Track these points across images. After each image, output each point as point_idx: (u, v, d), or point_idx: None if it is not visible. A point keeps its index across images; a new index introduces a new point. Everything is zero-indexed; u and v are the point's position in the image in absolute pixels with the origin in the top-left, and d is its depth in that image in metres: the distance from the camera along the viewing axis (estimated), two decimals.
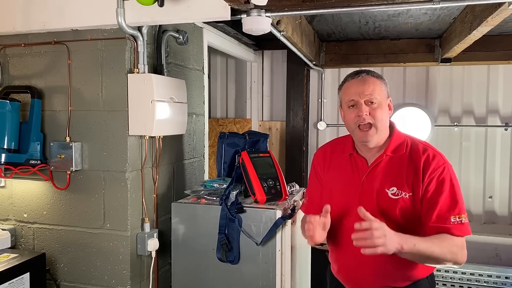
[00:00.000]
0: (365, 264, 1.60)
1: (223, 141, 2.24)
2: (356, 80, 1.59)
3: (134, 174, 1.96)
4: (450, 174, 1.54)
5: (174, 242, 2.01)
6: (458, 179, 1.57)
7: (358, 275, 1.66)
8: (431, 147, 1.60)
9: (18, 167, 1.90)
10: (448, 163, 1.56)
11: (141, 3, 1.72)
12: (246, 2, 1.67)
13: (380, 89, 1.57)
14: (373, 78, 1.58)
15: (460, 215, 1.49)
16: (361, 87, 1.56)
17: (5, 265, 1.76)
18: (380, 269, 1.59)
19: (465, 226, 1.50)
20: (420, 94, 3.76)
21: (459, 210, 1.50)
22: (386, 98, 1.59)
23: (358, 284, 1.68)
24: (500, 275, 3.38)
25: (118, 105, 1.93)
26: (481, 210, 3.70)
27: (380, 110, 1.55)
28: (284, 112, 3.90)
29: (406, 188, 1.54)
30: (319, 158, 1.81)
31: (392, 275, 1.60)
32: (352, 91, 1.57)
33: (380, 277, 1.61)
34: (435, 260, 1.47)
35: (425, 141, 1.65)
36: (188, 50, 2.41)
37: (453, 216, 1.48)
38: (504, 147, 3.62)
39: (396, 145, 1.60)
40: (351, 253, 1.60)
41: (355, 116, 1.56)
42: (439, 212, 1.48)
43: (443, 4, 1.68)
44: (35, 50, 2.05)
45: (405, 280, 1.62)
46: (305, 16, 2.82)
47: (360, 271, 1.64)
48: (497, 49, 3.36)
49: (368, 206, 1.53)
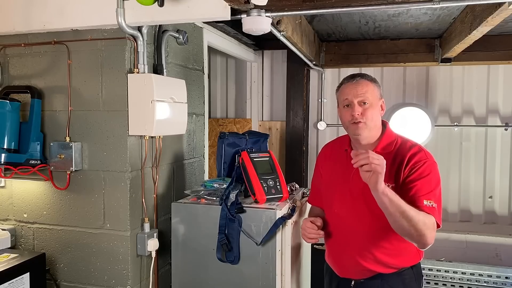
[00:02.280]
0: (353, 248, 1.76)
1: (223, 141, 2.24)
2: (351, 83, 1.75)
3: (134, 174, 1.96)
4: (431, 169, 1.65)
5: (174, 242, 2.01)
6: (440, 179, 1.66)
7: (344, 259, 1.82)
8: (419, 146, 1.73)
9: (18, 167, 1.90)
10: (433, 160, 1.68)
11: (141, 3, 1.72)
12: (246, 2, 1.67)
13: (373, 91, 1.72)
14: (366, 81, 1.74)
15: (431, 200, 1.58)
16: (355, 89, 1.72)
17: (5, 265, 1.76)
18: (366, 253, 1.73)
19: (437, 212, 1.58)
20: (420, 94, 3.76)
21: (433, 197, 1.59)
22: (378, 99, 1.75)
23: (345, 268, 1.82)
24: (500, 275, 3.37)
25: (118, 105, 1.93)
26: (481, 210, 3.70)
27: (371, 109, 1.70)
28: (284, 112, 3.90)
29: (390, 180, 1.65)
30: (322, 153, 2.04)
31: (377, 260, 1.72)
32: (347, 93, 1.74)
33: (365, 261, 1.73)
34: (408, 220, 1.50)
35: (416, 142, 1.77)
36: (188, 50, 2.41)
37: (426, 200, 1.58)
38: (504, 147, 3.62)
39: (386, 143, 1.75)
40: (340, 238, 1.83)
41: (349, 115, 1.72)
42: (414, 193, 1.59)
43: (443, 4, 1.68)
44: (35, 50, 2.05)
45: (389, 267, 1.73)
46: (305, 16, 2.82)
47: (346, 254, 1.79)
48: (497, 49, 3.36)
49: (356, 196, 1.73)
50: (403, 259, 1.74)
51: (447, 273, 3.48)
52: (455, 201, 3.73)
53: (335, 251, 1.87)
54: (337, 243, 1.85)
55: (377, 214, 1.59)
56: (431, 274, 3.48)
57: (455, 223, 3.73)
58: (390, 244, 1.70)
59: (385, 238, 1.70)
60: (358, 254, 1.75)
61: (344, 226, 1.79)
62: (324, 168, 1.95)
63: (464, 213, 3.74)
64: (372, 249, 1.72)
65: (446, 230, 3.62)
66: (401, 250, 1.72)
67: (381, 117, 1.78)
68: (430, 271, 3.47)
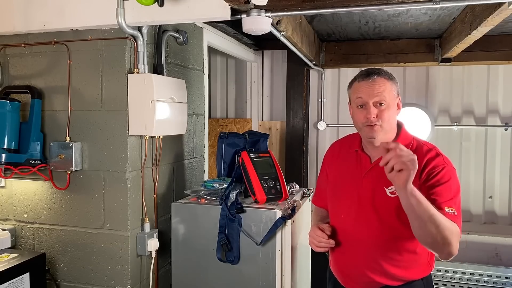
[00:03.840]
0: (359, 258, 1.64)
1: (223, 141, 2.24)
2: (366, 81, 1.58)
3: (134, 174, 1.96)
4: (450, 174, 1.52)
5: (174, 242, 2.01)
6: (459, 181, 1.55)
7: (351, 269, 1.69)
8: (436, 150, 1.59)
9: (18, 167, 1.90)
10: (451, 166, 1.55)
11: (141, 3, 1.72)
12: (246, 2, 1.67)
13: (390, 90, 1.57)
14: (383, 79, 1.58)
15: (452, 208, 1.46)
16: (371, 89, 1.56)
17: (5, 265, 1.76)
18: (374, 265, 1.61)
19: (459, 220, 1.46)
20: (420, 94, 3.76)
21: (454, 205, 1.47)
22: (395, 98, 1.61)
23: (350, 278, 1.70)
24: (500, 275, 3.38)
25: (118, 105, 1.93)
26: (481, 210, 3.70)
27: (388, 111, 1.56)
28: (284, 112, 3.90)
29: None
30: (328, 152, 1.90)
31: (385, 272, 1.60)
32: (362, 92, 1.58)
33: (372, 273, 1.62)
34: (436, 226, 1.36)
35: (433, 144, 1.64)
36: (188, 50, 2.41)
37: (447, 207, 1.45)
38: (504, 147, 3.62)
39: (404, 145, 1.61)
40: (346, 246, 1.68)
41: (363, 117, 1.57)
42: (434, 199, 1.44)
43: (443, 4, 1.68)
44: (35, 50, 2.05)
45: (397, 280, 1.61)
46: (305, 16, 2.82)
47: (353, 264, 1.67)
48: (497, 49, 3.36)
49: (365, 202, 1.62)
50: (413, 272, 1.62)
51: (447, 273, 3.48)
52: None
53: (340, 260, 1.74)
54: (342, 252, 1.71)
55: (387, 223, 1.51)
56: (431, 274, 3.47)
57: None
58: (400, 256, 1.59)
59: (395, 249, 1.59)
60: (365, 265, 1.63)
61: (351, 234, 1.66)
62: (331, 168, 1.83)
63: (464, 213, 3.73)
64: (380, 260, 1.60)
65: None
66: (412, 262, 1.61)
67: (397, 116, 1.64)
68: None
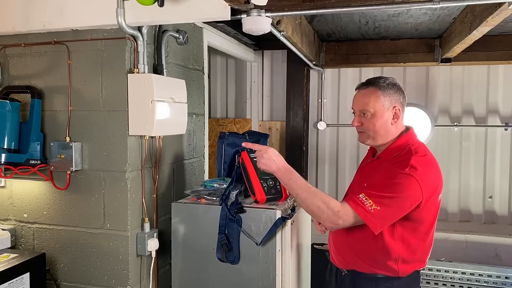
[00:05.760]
0: (337, 242, 1.87)
1: (223, 141, 2.24)
2: (358, 92, 1.81)
3: (134, 174, 1.96)
4: (400, 179, 1.57)
5: (174, 242, 2.01)
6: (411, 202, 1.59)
7: (333, 250, 1.92)
8: (414, 161, 1.61)
9: (18, 167, 1.90)
10: (409, 176, 1.57)
11: (141, 3, 1.72)
12: (246, 2, 1.67)
13: (376, 101, 1.72)
14: (373, 90, 1.74)
15: (370, 199, 1.54)
16: (357, 99, 1.79)
17: (5, 265, 1.76)
18: (344, 250, 1.83)
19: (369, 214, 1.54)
20: (420, 94, 3.76)
21: (375, 198, 1.55)
22: (386, 108, 1.73)
23: (335, 259, 1.92)
24: (500, 275, 3.37)
25: (118, 105, 1.93)
26: (481, 210, 3.70)
27: (373, 119, 1.73)
28: (284, 112, 3.90)
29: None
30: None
31: (353, 259, 1.79)
32: (353, 101, 1.82)
33: (344, 257, 1.83)
34: (301, 200, 1.67)
35: (422, 155, 1.67)
36: (188, 50, 2.41)
37: (363, 194, 1.58)
38: (504, 147, 3.62)
39: (390, 150, 1.75)
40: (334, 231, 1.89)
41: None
42: (363, 185, 1.67)
43: (443, 4, 1.68)
44: (35, 50, 2.05)
45: (366, 269, 1.76)
46: (305, 16, 2.82)
47: (334, 246, 1.90)
48: (497, 49, 3.36)
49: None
50: (378, 265, 1.74)
51: (447, 273, 3.48)
52: (455, 201, 3.73)
53: (330, 242, 1.96)
54: (331, 233, 1.94)
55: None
56: (431, 274, 3.48)
57: (455, 223, 3.73)
58: (359, 244, 1.76)
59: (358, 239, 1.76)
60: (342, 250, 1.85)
61: None
62: None
63: (464, 213, 3.74)
64: (346, 248, 1.82)
65: (446, 230, 3.62)
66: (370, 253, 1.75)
67: (395, 125, 1.75)
68: (430, 271, 3.48)
